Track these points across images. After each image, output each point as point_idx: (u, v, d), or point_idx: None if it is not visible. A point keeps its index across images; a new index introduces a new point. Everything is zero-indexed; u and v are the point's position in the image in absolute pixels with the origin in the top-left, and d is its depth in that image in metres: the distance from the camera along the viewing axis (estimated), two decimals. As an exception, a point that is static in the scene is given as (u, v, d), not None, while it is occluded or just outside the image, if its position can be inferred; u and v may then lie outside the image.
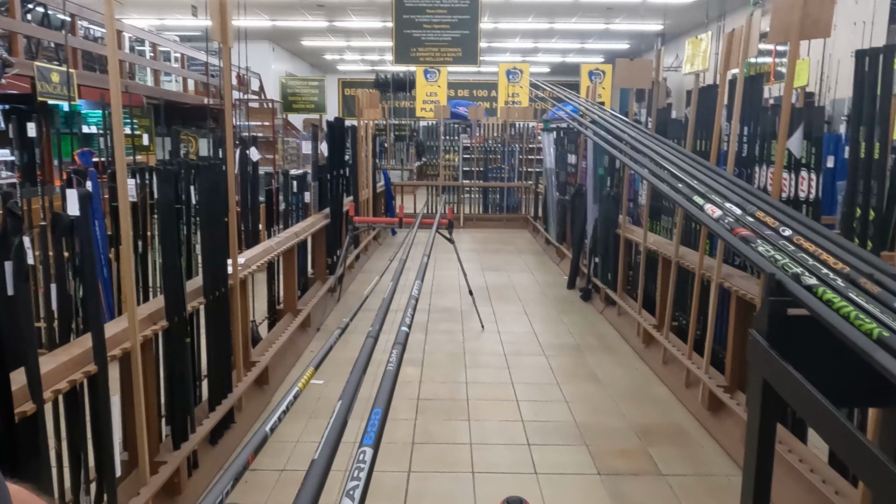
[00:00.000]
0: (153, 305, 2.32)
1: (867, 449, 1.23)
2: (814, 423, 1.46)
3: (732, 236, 1.94)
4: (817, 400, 1.38)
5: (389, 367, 1.18)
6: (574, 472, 2.68)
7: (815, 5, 2.41)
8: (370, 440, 0.86)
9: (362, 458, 0.75)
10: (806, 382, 1.43)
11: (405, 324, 1.46)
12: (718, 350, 3.27)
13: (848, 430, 1.29)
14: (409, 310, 1.55)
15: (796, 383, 1.46)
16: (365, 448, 0.81)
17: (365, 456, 0.77)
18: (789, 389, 1.50)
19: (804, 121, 2.69)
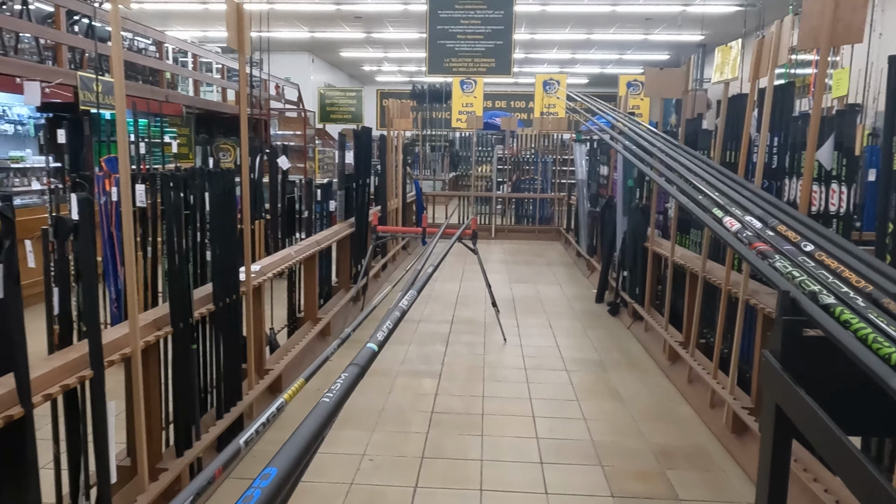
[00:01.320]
0: (159, 311, 2.32)
1: (879, 484, 1.12)
2: (824, 450, 1.35)
3: (749, 250, 1.84)
4: (828, 427, 1.27)
5: (325, 400, 0.87)
6: (586, 494, 2.57)
7: (847, 10, 2.30)
8: None
9: None
10: (819, 409, 1.32)
11: (375, 340, 1.24)
12: (745, 369, 3.13)
13: (864, 465, 1.19)
14: (387, 321, 1.41)
15: (809, 409, 1.36)
16: None
17: None
18: (801, 416, 1.40)
19: (835, 131, 2.56)
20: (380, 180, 6.55)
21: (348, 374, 0.96)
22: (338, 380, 0.93)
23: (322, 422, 0.82)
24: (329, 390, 0.87)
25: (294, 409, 2.78)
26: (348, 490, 2.55)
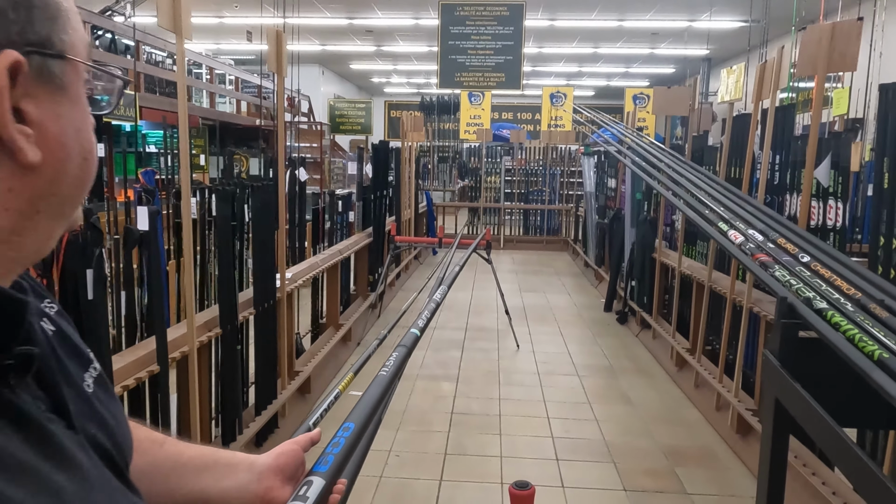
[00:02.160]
0: (208, 314, 2.52)
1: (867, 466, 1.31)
2: (819, 439, 1.54)
3: (752, 261, 2.04)
4: (822, 417, 1.46)
5: (383, 372, 1.00)
6: (600, 488, 2.76)
7: (842, 40, 2.50)
8: (323, 467, 0.70)
9: (304, 491, 0.66)
10: (812, 401, 1.51)
11: (417, 326, 1.38)
12: (749, 374, 3.31)
13: (851, 449, 1.37)
14: (425, 312, 1.57)
15: (805, 402, 1.55)
16: (312, 478, 0.69)
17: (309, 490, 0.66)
18: (798, 408, 1.58)
19: (832, 151, 2.75)
20: (394, 191, 6.76)
21: (398, 353, 1.13)
22: (390, 358, 1.09)
23: (384, 388, 0.99)
24: (384, 366, 1.04)
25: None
26: (378, 483, 2.74)
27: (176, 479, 0.71)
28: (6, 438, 0.38)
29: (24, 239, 0.43)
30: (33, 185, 0.42)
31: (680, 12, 10.48)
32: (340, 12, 11.33)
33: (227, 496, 0.73)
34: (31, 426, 0.40)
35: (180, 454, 0.73)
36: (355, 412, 0.84)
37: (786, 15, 7.23)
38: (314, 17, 11.36)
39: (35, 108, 0.41)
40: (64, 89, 0.44)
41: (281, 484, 0.74)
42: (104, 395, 0.53)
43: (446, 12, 9.40)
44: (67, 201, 0.45)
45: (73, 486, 0.40)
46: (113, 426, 0.52)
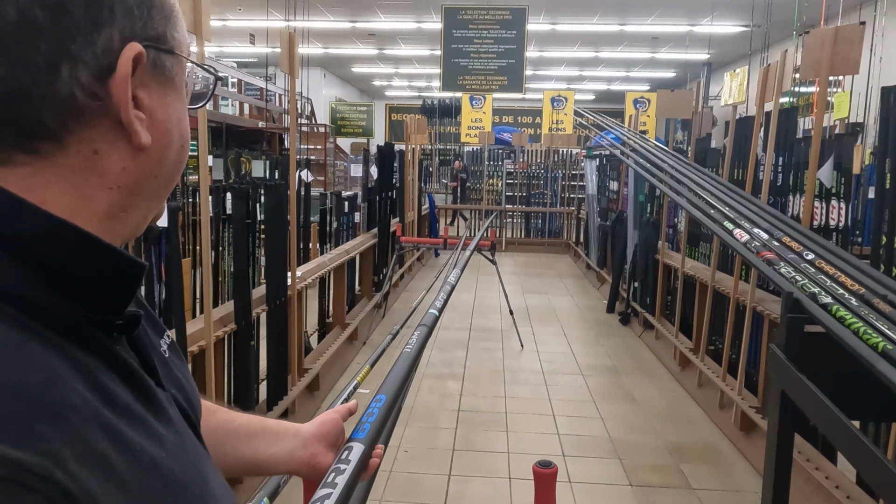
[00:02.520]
0: (223, 310, 2.56)
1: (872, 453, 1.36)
2: (824, 428, 1.59)
3: (758, 258, 2.09)
4: (828, 407, 1.51)
5: (407, 349, 1.06)
6: (607, 483, 2.81)
7: (844, 44, 2.55)
8: (361, 434, 0.75)
9: (346, 455, 0.71)
10: (818, 391, 1.56)
11: (435, 307, 1.43)
12: (752, 373, 3.36)
13: (857, 436, 1.42)
14: (441, 294, 1.62)
15: (810, 393, 1.59)
16: (352, 444, 0.74)
17: (350, 454, 0.71)
18: (803, 398, 1.63)
19: (835, 152, 2.81)
20: (397, 193, 6.81)
21: (419, 332, 1.18)
22: (412, 336, 1.13)
23: (410, 363, 1.05)
24: (407, 344, 1.09)
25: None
26: (388, 477, 2.79)
27: (229, 445, 0.76)
28: (120, 388, 0.42)
29: (129, 216, 0.47)
30: (142, 166, 0.46)
31: (681, 17, 10.55)
32: (343, 15, 11.40)
33: (277, 461, 0.78)
34: (136, 380, 0.44)
35: (231, 421, 0.78)
36: (385, 385, 0.90)
37: (787, 20, 7.29)
38: (317, 20, 11.43)
39: (147, 97, 0.46)
40: (172, 81, 0.48)
41: (325, 450, 0.79)
42: (178, 361, 0.58)
43: (449, 16, 9.47)
44: (163, 184, 0.50)
45: (171, 438, 0.44)
46: (188, 389, 0.56)
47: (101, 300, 0.43)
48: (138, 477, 0.38)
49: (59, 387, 0.37)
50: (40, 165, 0.42)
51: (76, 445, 0.35)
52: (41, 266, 0.40)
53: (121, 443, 0.38)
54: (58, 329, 0.40)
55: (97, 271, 0.43)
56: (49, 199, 0.42)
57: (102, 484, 0.36)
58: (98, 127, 0.43)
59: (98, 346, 0.42)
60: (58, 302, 0.41)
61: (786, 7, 7.38)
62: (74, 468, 0.34)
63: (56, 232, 0.41)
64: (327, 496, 0.66)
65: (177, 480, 0.42)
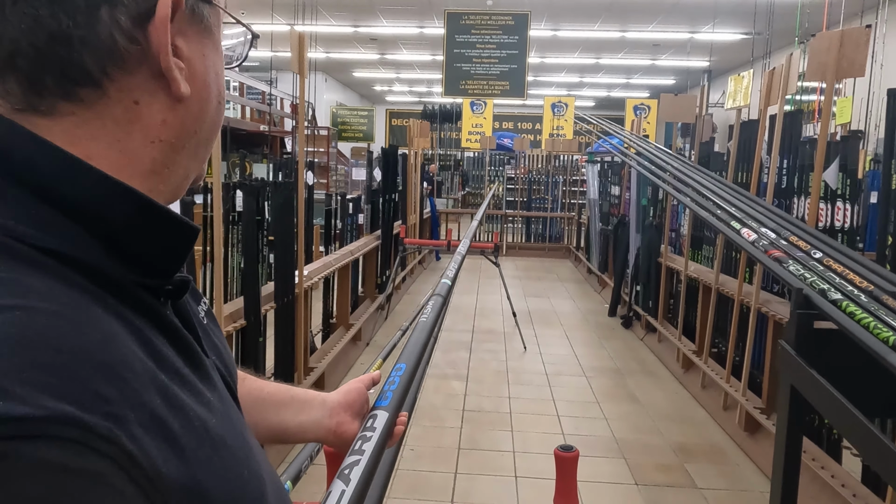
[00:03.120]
0: (232, 306, 2.58)
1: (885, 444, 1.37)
2: (834, 420, 1.61)
3: (766, 256, 2.11)
4: (839, 401, 1.53)
5: (423, 319, 1.06)
6: (613, 482, 2.82)
7: (851, 47, 2.58)
8: (384, 402, 0.77)
9: (371, 423, 0.73)
10: (829, 385, 1.58)
11: (447, 276, 1.43)
12: (756, 374, 3.38)
13: (868, 428, 1.44)
14: (452, 264, 1.62)
15: (820, 387, 1.61)
16: (376, 412, 0.75)
17: (375, 422, 0.73)
18: (813, 393, 1.65)
19: (840, 154, 2.83)
20: (400, 197, 6.83)
21: (434, 301, 1.18)
22: (427, 306, 1.13)
23: (428, 332, 1.05)
24: (423, 314, 1.08)
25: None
26: (395, 475, 2.79)
27: (258, 413, 0.76)
28: (170, 353, 0.41)
29: (171, 173, 0.46)
30: (182, 120, 0.45)
31: (682, 24, 10.61)
32: (346, 20, 11.45)
33: (304, 429, 0.79)
34: (185, 344, 0.44)
35: (261, 389, 0.78)
36: (405, 354, 0.92)
37: (788, 27, 7.35)
38: (320, 24, 11.47)
39: (186, 46, 0.44)
40: (210, 32, 0.47)
41: (350, 418, 0.80)
42: (214, 327, 0.57)
43: (452, 21, 9.52)
44: (203, 142, 0.48)
45: (216, 403, 0.44)
46: (225, 355, 0.56)
47: (153, 264, 0.43)
48: (192, 440, 0.38)
49: (119, 348, 0.37)
50: (84, 116, 0.41)
51: (137, 408, 0.35)
52: (96, 228, 0.40)
53: (175, 406, 0.38)
54: (112, 291, 0.39)
55: (152, 235, 0.42)
56: (94, 154, 0.41)
57: (161, 447, 0.35)
58: (137, 75, 0.42)
59: (150, 309, 0.42)
60: (111, 264, 0.40)
61: (787, 15, 7.43)
62: (137, 431, 0.34)
63: (114, 195, 0.41)
64: (356, 462, 0.67)
65: (224, 445, 0.42)
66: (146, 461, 0.34)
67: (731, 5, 9.13)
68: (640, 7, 9.67)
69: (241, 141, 11.78)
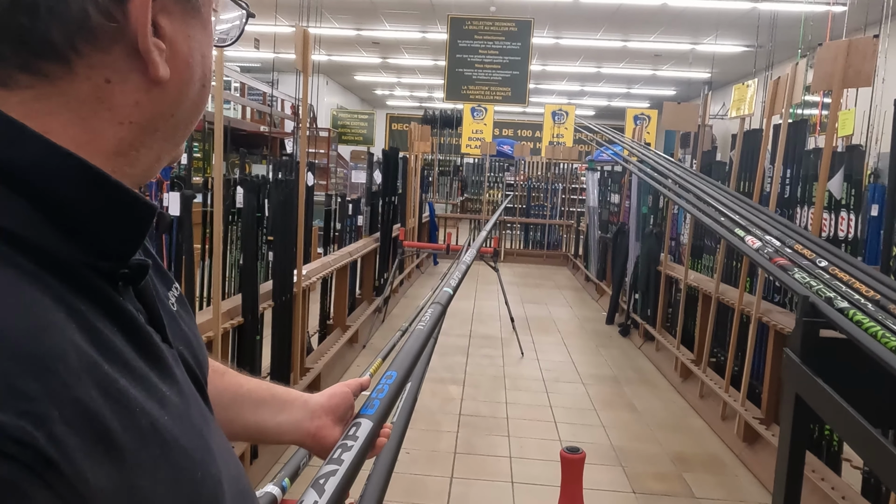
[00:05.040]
0: (230, 303, 2.55)
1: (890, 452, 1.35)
2: (840, 430, 1.59)
3: (771, 264, 2.09)
4: (845, 409, 1.50)
5: (420, 327, 1.01)
6: (610, 490, 2.79)
7: (858, 56, 2.57)
8: (370, 410, 0.74)
9: (354, 431, 0.70)
10: (835, 394, 1.56)
11: (449, 285, 1.35)
12: (755, 385, 3.36)
13: (874, 436, 1.42)
14: (456, 273, 1.58)
15: (826, 395, 1.59)
16: (361, 420, 0.72)
17: (358, 430, 0.70)
18: (818, 401, 1.63)
19: (845, 163, 2.82)
20: (399, 200, 6.81)
21: (433, 310, 1.11)
22: (425, 315, 1.07)
23: (422, 341, 0.98)
24: (420, 322, 1.02)
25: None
26: (391, 478, 2.76)
27: (235, 410, 0.73)
28: (121, 343, 0.38)
29: (140, 156, 0.43)
30: (157, 102, 0.42)
31: (684, 35, 10.64)
32: (348, 23, 11.45)
33: (282, 430, 0.75)
34: (140, 335, 0.41)
35: (240, 386, 0.74)
36: (397, 362, 0.88)
37: (790, 40, 7.37)
38: (323, 26, 11.47)
39: (169, 25, 0.41)
40: (198, 11, 0.44)
41: (332, 423, 0.76)
42: (186, 315, 0.54)
43: (455, 26, 9.52)
44: (181, 125, 0.45)
45: (174, 399, 0.41)
46: (195, 345, 0.53)
47: (105, 244, 0.39)
48: (133, 440, 0.35)
49: (52, 337, 0.33)
50: (45, 90, 0.38)
51: (66, 405, 0.31)
52: (41, 201, 0.36)
53: (118, 401, 0.35)
54: (56, 273, 0.36)
55: (103, 212, 0.39)
56: (53, 129, 0.38)
57: (90, 449, 0.32)
58: (111, 53, 0.39)
59: (100, 295, 0.38)
60: (58, 243, 0.37)
61: (789, 28, 7.45)
62: (61, 431, 0.31)
63: (58, 163, 0.37)
64: (332, 472, 0.63)
65: (177, 445, 0.39)
66: (67, 466, 0.31)
67: (733, 17, 9.16)
68: (643, 17, 9.69)
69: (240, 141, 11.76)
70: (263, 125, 11.26)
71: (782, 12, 7.69)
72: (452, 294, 1.46)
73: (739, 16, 9.02)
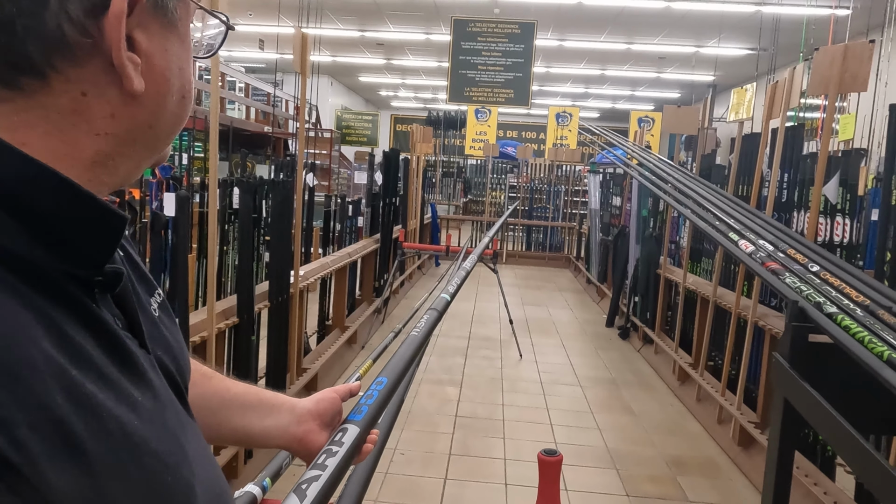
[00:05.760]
0: (225, 303, 2.56)
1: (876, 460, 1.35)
2: (827, 435, 1.59)
3: (763, 269, 2.09)
4: (831, 415, 1.51)
5: (415, 333, 1.01)
6: (603, 492, 2.79)
7: (854, 61, 2.57)
8: (357, 416, 0.74)
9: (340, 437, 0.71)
10: (822, 400, 1.56)
11: (447, 291, 1.36)
12: (752, 389, 3.35)
13: (860, 443, 1.42)
14: (455, 279, 1.57)
15: (813, 401, 1.59)
16: (347, 425, 0.72)
17: (344, 436, 0.71)
18: (806, 406, 1.63)
19: (840, 169, 2.82)
20: (400, 201, 6.82)
21: (429, 316, 1.12)
22: (421, 320, 1.08)
23: (415, 348, 0.99)
24: (415, 328, 1.03)
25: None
26: (384, 479, 2.77)
27: (222, 414, 0.73)
28: (92, 349, 0.39)
29: (118, 165, 0.44)
30: (134, 115, 0.43)
31: (688, 38, 10.63)
32: (353, 24, 11.48)
33: (268, 435, 0.75)
34: (113, 341, 0.41)
35: (227, 390, 0.75)
36: (388, 368, 0.88)
37: (793, 43, 7.35)
38: (327, 28, 11.51)
39: (146, 39, 0.42)
40: (174, 26, 0.45)
41: (319, 428, 0.76)
42: (167, 320, 0.54)
43: (458, 28, 9.53)
44: (162, 136, 0.47)
45: (147, 403, 0.41)
46: (176, 350, 0.53)
47: (78, 253, 0.40)
48: (101, 445, 0.36)
49: (20, 342, 0.34)
50: (22, 103, 0.39)
51: (31, 410, 0.32)
52: (14, 211, 0.37)
53: (85, 407, 0.36)
54: (28, 280, 0.37)
55: (75, 221, 0.40)
56: (30, 142, 0.39)
57: (55, 454, 0.33)
58: (88, 67, 0.40)
59: (72, 301, 0.39)
60: (29, 251, 0.38)
61: (792, 31, 7.44)
62: (23, 435, 0.31)
63: (33, 175, 0.38)
64: (315, 478, 0.64)
65: (147, 449, 0.39)
66: (29, 468, 0.31)
67: (736, 20, 9.15)
68: (647, 20, 9.69)
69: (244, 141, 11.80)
70: (267, 125, 11.28)
71: (785, 16, 7.68)
72: (450, 300, 1.46)
73: (743, 19, 9.01)
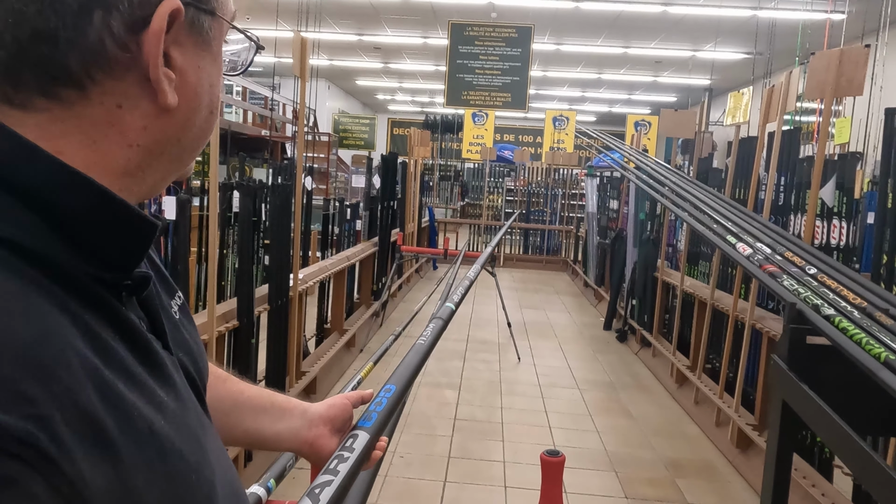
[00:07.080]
0: (225, 307, 2.57)
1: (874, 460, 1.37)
2: (825, 437, 1.60)
3: (760, 271, 2.11)
4: (829, 416, 1.52)
5: (421, 341, 1.02)
6: (602, 495, 2.80)
7: (850, 66, 2.59)
8: (367, 423, 0.75)
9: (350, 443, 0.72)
10: (820, 401, 1.57)
11: (452, 300, 1.37)
12: (749, 391, 3.37)
13: (858, 444, 1.43)
14: (460, 288, 1.56)
15: (812, 402, 1.61)
16: (358, 432, 0.73)
17: (355, 442, 0.71)
18: (804, 408, 1.64)
19: (837, 172, 2.84)
20: (398, 204, 6.83)
21: (434, 325, 1.13)
22: (427, 328, 1.09)
23: (421, 356, 1.01)
24: (421, 336, 1.05)
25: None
26: (383, 482, 2.77)
27: (236, 416, 0.75)
28: (122, 350, 0.40)
29: (146, 176, 0.46)
30: (165, 128, 0.45)
31: (684, 42, 10.67)
32: (350, 28, 11.50)
33: (280, 438, 0.77)
34: (140, 343, 0.43)
35: (241, 392, 0.76)
36: (396, 375, 0.89)
37: (789, 48, 7.39)
38: (325, 31, 11.52)
39: (181, 56, 0.44)
40: (208, 44, 0.47)
41: (329, 433, 0.78)
42: (187, 323, 0.56)
43: (456, 32, 9.56)
44: (188, 149, 0.48)
45: (172, 404, 0.43)
46: (196, 353, 0.55)
47: (109, 257, 0.42)
48: (130, 443, 0.37)
49: (56, 343, 0.35)
50: (60, 113, 0.40)
51: (67, 408, 0.34)
52: (50, 217, 0.39)
53: (116, 406, 0.37)
54: (61, 283, 0.38)
55: (108, 227, 0.41)
56: (65, 150, 0.40)
57: (90, 450, 0.34)
58: (124, 80, 0.42)
59: (103, 304, 0.41)
60: (64, 255, 0.39)
61: (788, 36, 7.48)
62: (62, 432, 0.33)
63: (69, 182, 0.40)
64: (328, 483, 0.65)
65: (173, 448, 0.41)
66: (68, 465, 0.33)
67: (733, 25, 9.18)
68: (643, 24, 9.72)
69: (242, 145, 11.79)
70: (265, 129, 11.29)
71: (781, 20, 7.72)
72: (454, 309, 1.46)
73: (739, 23, 9.05)
